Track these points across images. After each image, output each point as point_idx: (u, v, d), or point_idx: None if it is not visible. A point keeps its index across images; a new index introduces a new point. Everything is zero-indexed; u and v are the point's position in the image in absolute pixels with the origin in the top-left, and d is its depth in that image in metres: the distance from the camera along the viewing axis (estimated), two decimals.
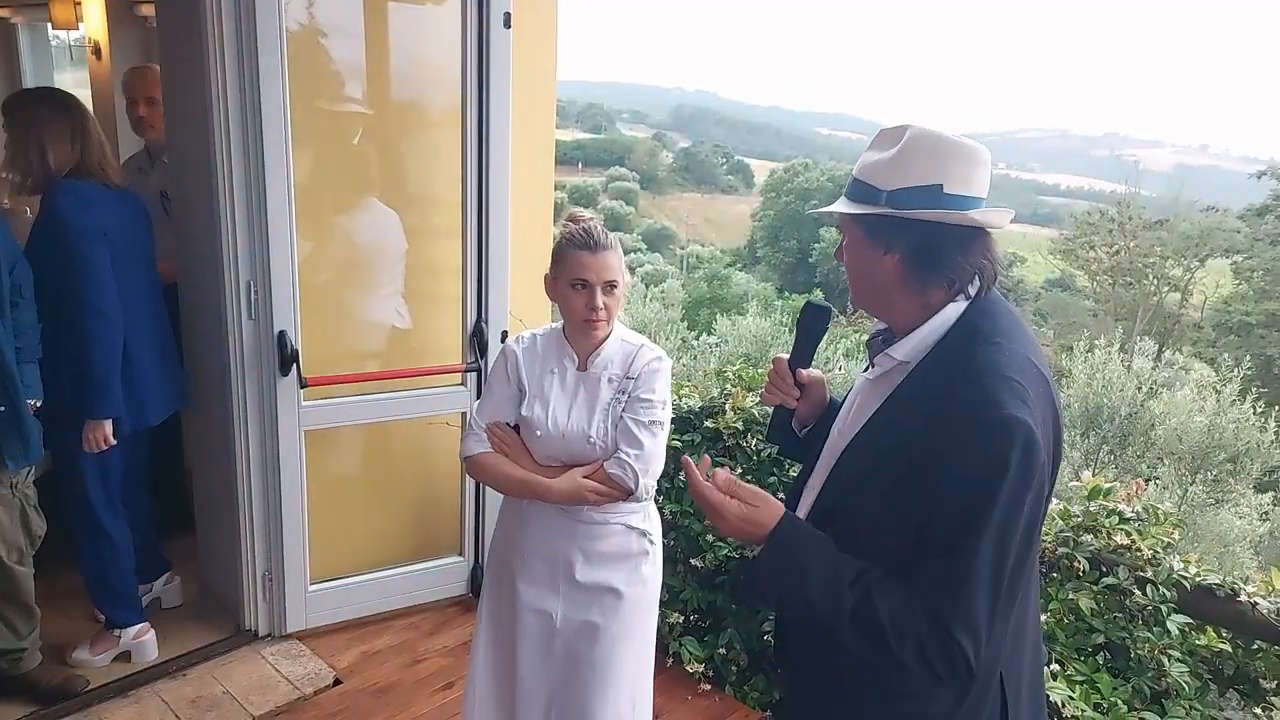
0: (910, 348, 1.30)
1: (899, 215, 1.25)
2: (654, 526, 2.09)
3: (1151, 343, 14.07)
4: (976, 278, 1.28)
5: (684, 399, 3.17)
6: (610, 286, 1.88)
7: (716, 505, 1.28)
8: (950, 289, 1.29)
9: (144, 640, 2.84)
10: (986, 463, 1.15)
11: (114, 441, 2.55)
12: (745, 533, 1.28)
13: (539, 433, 1.94)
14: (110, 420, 2.53)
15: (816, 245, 42.13)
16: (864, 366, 1.46)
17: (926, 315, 1.30)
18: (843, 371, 11.13)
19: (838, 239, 1.38)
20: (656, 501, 2.88)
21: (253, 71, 2.52)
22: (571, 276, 1.88)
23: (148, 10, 4.42)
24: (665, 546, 2.91)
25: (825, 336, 1.49)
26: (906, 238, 1.27)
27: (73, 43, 5.99)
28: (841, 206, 1.31)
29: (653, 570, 2.07)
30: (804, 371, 1.59)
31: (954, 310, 1.29)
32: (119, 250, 2.53)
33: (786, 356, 1.54)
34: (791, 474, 2.83)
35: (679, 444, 3.03)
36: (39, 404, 2.39)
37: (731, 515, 1.27)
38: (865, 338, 1.50)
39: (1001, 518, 1.15)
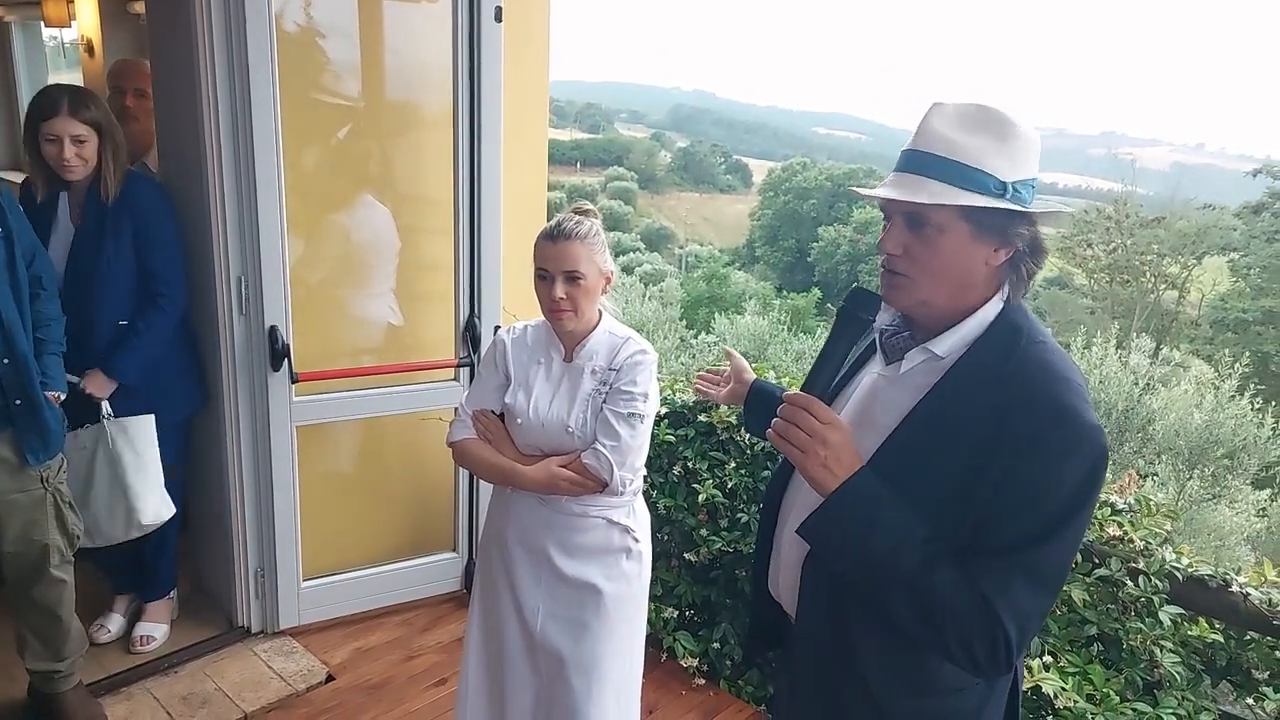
0: (952, 343, 1.25)
1: (1030, 211, 1.20)
2: (639, 523, 2.06)
3: (1149, 340, 14.07)
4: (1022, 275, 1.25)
5: (678, 394, 3.16)
6: (571, 277, 1.86)
7: (827, 425, 1.20)
8: (1014, 287, 1.25)
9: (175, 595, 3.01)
10: (1076, 473, 1.13)
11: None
12: (830, 470, 1.20)
13: (520, 421, 1.95)
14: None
15: (815, 244, 42.14)
16: (856, 357, 1.41)
17: (968, 312, 1.24)
18: None
19: (836, 237, 1.30)
20: (649, 496, 2.89)
21: (242, 65, 2.52)
22: (536, 266, 1.90)
23: (140, 8, 4.40)
24: (659, 541, 2.92)
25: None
26: (1027, 234, 1.21)
27: (67, 42, 5.98)
28: (948, 193, 1.17)
29: (637, 567, 2.04)
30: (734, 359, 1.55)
31: (993, 308, 1.25)
32: None
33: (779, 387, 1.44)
34: None
35: (672, 438, 3.03)
36: (63, 396, 2.36)
37: (840, 440, 1.20)
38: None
39: (1069, 528, 1.15)
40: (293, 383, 2.79)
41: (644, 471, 2.04)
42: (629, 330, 2.02)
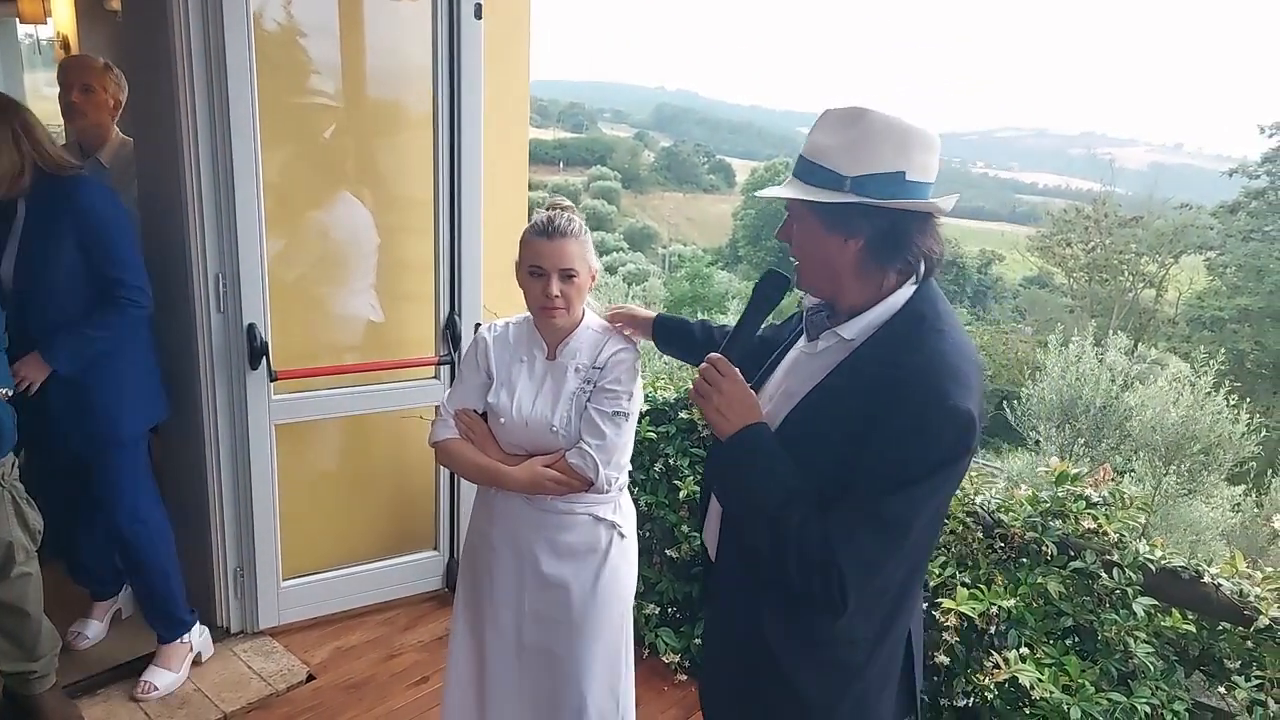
0: (859, 328, 1.35)
1: (867, 203, 1.26)
2: (625, 519, 2.05)
3: (1126, 338, 14.23)
4: (923, 263, 1.33)
5: (659, 391, 3.17)
6: (567, 275, 1.85)
7: (730, 377, 1.38)
8: (904, 273, 1.34)
9: (205, 634, 2.85)
10: (926, 443, 1.24)
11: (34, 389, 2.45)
12: (723, 415, 1.36)
13: (503, 420, 1.93)
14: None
15: None
16: (788, 334, 1.54)
17: (878, 298, 1.34)
18: None
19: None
20: (631, 493, 2.89)
21: (220, 62, 2.50)
22: (528, 263, 1.87)
23: (116, 4, 4.37)
24: (640, 538, 2.91)
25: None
26: (873, 225, 1.29)
27: (42, 40, 5.92)
28: (797, 192, 1.30)
29: (623, 563, 2.04)
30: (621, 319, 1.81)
31: (902, 295, 1.34)
32: None
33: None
34: None
35: (654, 434, 3.04)
36: (10, 393, 2.33)
37: (734, 390, 1.36)
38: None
39: (919, 490, 1.25)
40: (271, 381, 2.77)
41: (629, 466, 2.04)
42: (612, 327, 2.01)
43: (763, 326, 1.51)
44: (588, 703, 2.00)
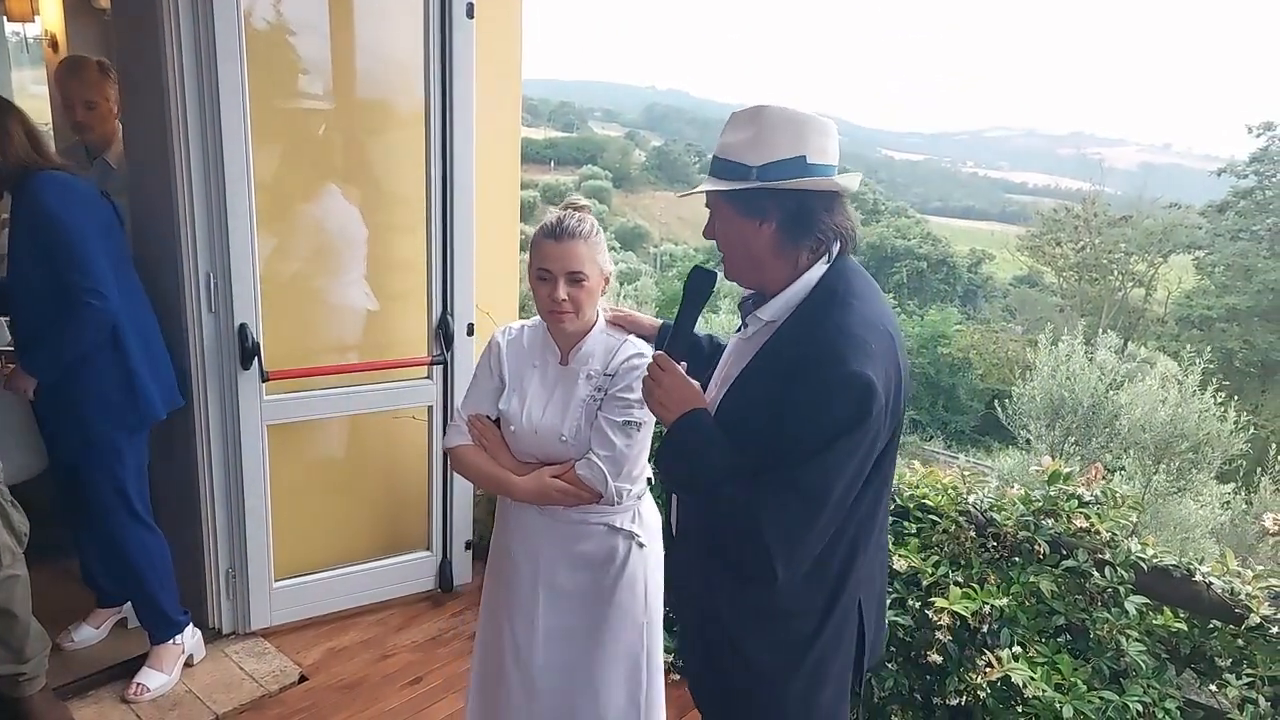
0: (776, 309, 1.45)
1: (772, 187, 1.38)
2: (645, 528, 1.96)
3: (1115, 336, 14.29)
4: (838, 241, 1.43)
5: None
6: (575, 278, 1.77)
7: (669, 371, 1.49)
8: (816, 251, 1.44)
9: (198, 636, 2.82)
10: (827, 410, 1.31)
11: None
12: (665, 406, 1.48)
13: (513, 427, 1.88)
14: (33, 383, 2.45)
15: None
16: (737, 327, 1.60)
17: (794, 278, 1.44)
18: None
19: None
20: None
21: (210, 60, 2.49)
22: (536, 266, 1.80)
23: (105, 2, 4.34)
24: None
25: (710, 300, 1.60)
26: (781, 207, 1.40)
27: (30, 38, 5.87)
28: (711, 185, 1.42)
29: (643, 572, 1.95)
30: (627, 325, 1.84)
31: (816, 273, 1.44)
32: (117, 244, 2.51)
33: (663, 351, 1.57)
34: None
35: None
36: None
37: (672, 383, 1.48)
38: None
39: (831, 456, 1.32)
40: (263, 381, 2.76)
41: (648, 472, 1.96)
42: (626, 332, 1.93)
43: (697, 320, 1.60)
44: (609, 716, 1.95)
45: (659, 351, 1.52)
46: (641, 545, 1.94)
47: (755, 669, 1.52)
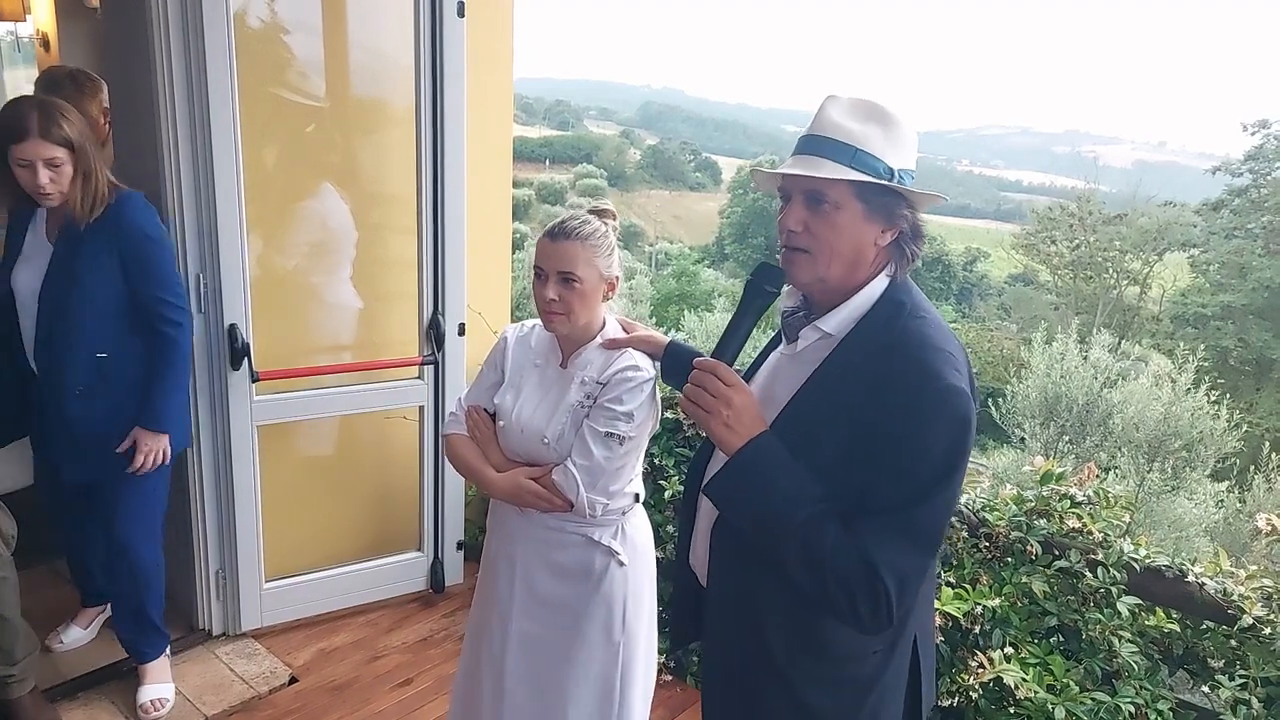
0: (839, 321, 1.33)
1: (921, 195, 1.29)
2: (629, 546, 1.88)
3: (1110, 335, 14.32)
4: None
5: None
6: (566, 278, 1.73)
7: (737, 387, 1.28)
8: (880, 265, 1.33)
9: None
10: (943, 438, 1.20)
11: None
12: (733, 429, 1.27)
13: (502, 423, 1.87)
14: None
15: None
16: (769, 340, 1.50)
17: (856, 290, 1.33)
18: None
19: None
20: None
21: (200, 60, 2.47)
22: (534, 263, 1.79)
23: (96, 1, 4.32)
24: None
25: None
26: (909, 217, 1.31)
27: (22, 37, 5.84)
28: (846, 174, 1.25)
29: (622, 591, 1.88)
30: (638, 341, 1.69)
31: (878, 285, 1.33)
32: None
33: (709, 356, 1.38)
34: None
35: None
36: None
37: (744, 402, 1.28)
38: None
39: (948, 492, 1.23)
40: (253, 381, 2.75)
41: (638, 489, 1.90)
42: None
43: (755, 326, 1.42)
44: None
45: (711, 360, 1.31)
46: (622, 564, 1.87)
47: (810, 713, 1.38)
